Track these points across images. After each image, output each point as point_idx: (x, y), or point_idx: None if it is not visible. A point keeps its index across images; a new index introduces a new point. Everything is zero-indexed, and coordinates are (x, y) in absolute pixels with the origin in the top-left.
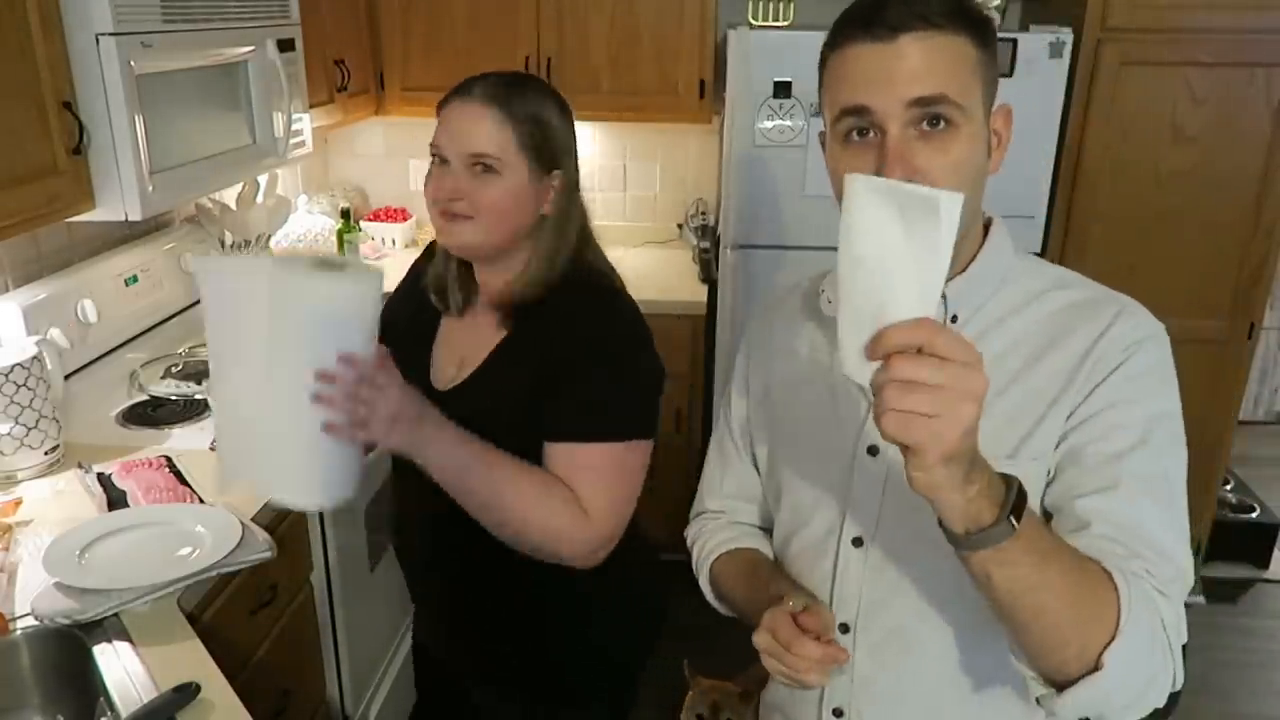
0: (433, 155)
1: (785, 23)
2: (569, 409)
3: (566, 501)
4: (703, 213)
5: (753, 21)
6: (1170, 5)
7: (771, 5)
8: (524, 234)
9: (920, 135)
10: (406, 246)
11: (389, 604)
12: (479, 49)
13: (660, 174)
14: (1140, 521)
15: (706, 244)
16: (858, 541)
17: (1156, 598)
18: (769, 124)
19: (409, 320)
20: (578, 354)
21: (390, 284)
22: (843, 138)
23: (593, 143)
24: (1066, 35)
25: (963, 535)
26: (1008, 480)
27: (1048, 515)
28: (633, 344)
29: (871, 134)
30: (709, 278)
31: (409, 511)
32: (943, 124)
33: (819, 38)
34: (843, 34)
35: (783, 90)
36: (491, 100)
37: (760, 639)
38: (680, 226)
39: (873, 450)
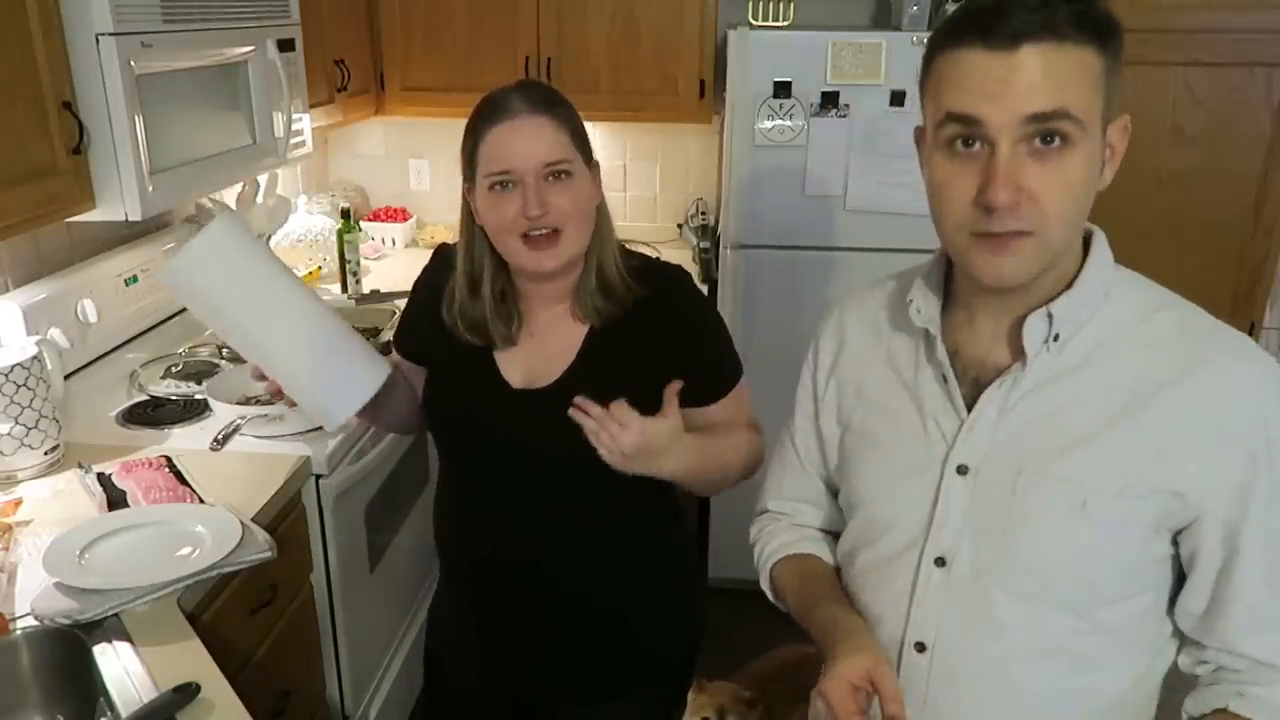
0: (494, 184)
1: (785, 23)
2: (710, 374)
3: (749, 437)
4: (703, 213)
5: (753, 21)
6: (1170, 5)
7: (771, 5)
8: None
9: (1031, 153)
10: (406, 246)
11: (389, 604)
12: (479, 49)
13: (660, 174)
14: (1239, 644)
15: (706, 244)
16: (940, 561)
17: (1267, 697)
18: (769, 124)
19: (452, 349)
20: (689, 322)
21: (392, 281)
22: (946, 145)
23: (593, 143)
24: None
25: None
26: None
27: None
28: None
29: (978, 145)
30: (709, 278)
31: (496, 545)
32: (1057, 141)
33: (819, 38)
34: (955, 37)
35: (783, 90)
36: (539, 108)
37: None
38: (680, 226)
39: (962, 469)
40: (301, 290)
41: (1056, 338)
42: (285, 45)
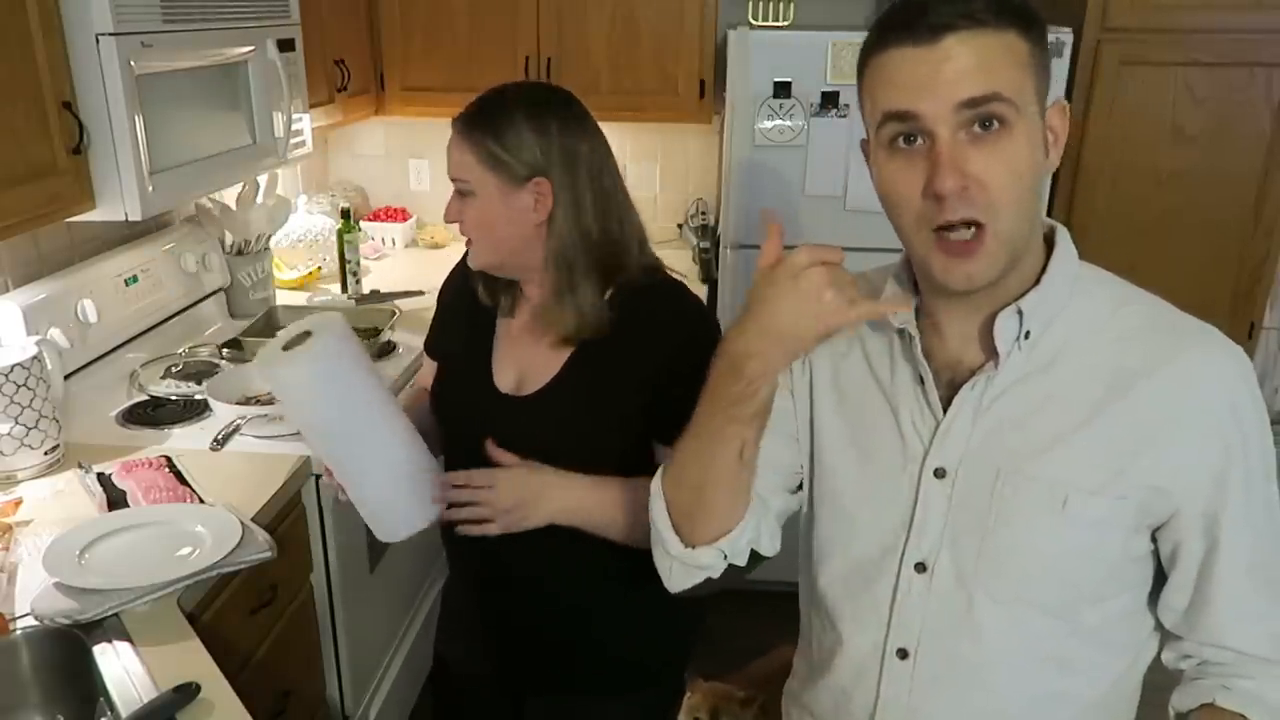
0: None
1: (785, 23)
2: (679, 413)
3: None
4: (703, 213)
5: (753, 21)
6: (1170, 5)
7: (771, 5)
8: (534, 246)
9: (971, 139)
10: (406, 247)
11: (389, 604)
12: (479, 49)
13: (660, 174)
14: (1223, 636)
15: (706, 244)
16: (920, 567)
17: (1253, 690)
18: (769, 124)
19: (468, 313)
20: (677, 357)
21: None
22: (888, 144)
23: None
24: (1066, 35)
25: None
26: None
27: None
28: (714, 337)
29: (919, 140)
30: (709, 278)
31: (490, 544)
32: (995, 124)
33: (819, 38)
34: (883, 37)
35: (783, 90)
36: (460, 124)
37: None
38: (680, 226)
39: (940, 473)
40: (396, 418)
41: (1028, 335)
42: (285, 45)
